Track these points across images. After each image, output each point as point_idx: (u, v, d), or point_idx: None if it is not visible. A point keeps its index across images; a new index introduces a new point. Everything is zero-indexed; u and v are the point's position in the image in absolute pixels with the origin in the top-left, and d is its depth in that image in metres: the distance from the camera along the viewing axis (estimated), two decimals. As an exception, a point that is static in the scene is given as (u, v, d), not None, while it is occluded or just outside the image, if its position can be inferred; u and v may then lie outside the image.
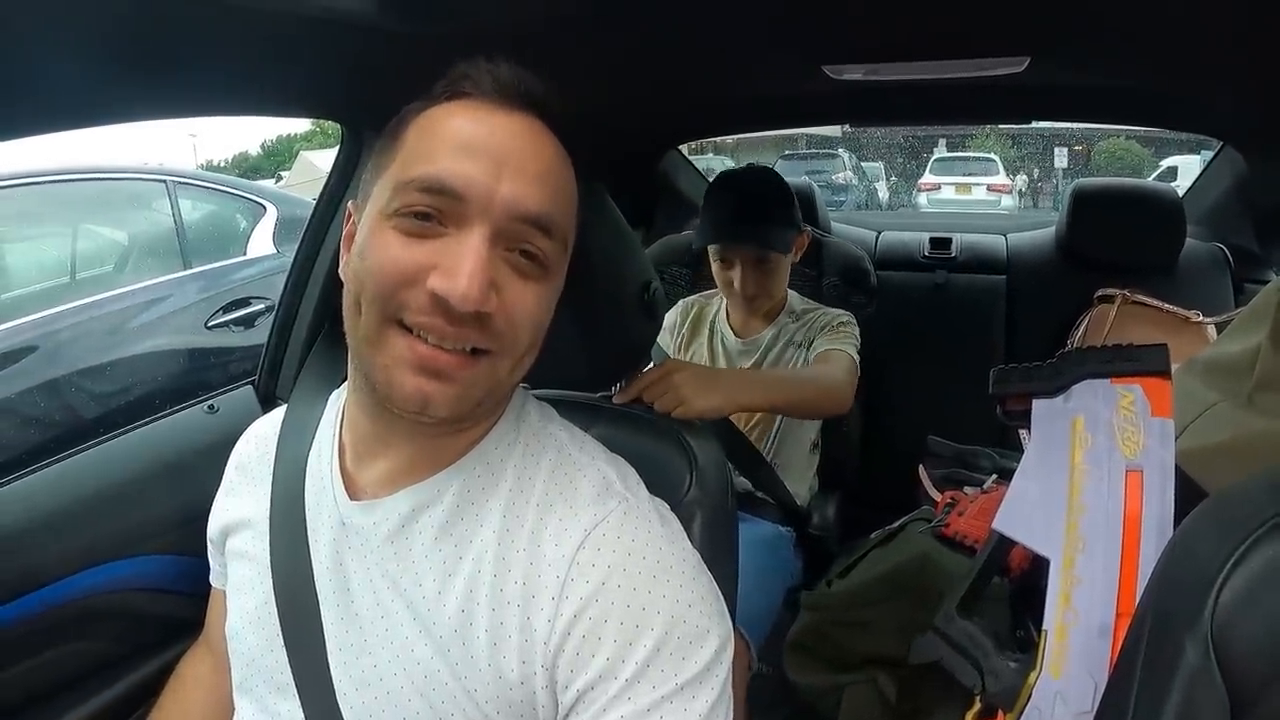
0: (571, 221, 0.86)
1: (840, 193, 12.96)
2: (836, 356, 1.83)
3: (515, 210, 0.77)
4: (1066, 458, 1.11)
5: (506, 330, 0.79)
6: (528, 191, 0.78)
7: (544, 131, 0.83)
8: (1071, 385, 1.15)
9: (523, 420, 0.93)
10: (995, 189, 13.34)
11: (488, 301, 0.75)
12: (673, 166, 2.75)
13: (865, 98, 2.04)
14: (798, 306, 2.04)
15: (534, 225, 0.78)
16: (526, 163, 0.79)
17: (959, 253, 2.62)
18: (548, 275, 0.82)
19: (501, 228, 0.77)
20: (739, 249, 1.90)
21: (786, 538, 1.95)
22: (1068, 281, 2.40)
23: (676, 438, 1.12)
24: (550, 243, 0.81)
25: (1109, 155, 15.84)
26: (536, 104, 0.83)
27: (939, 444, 2.16)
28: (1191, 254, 2.32)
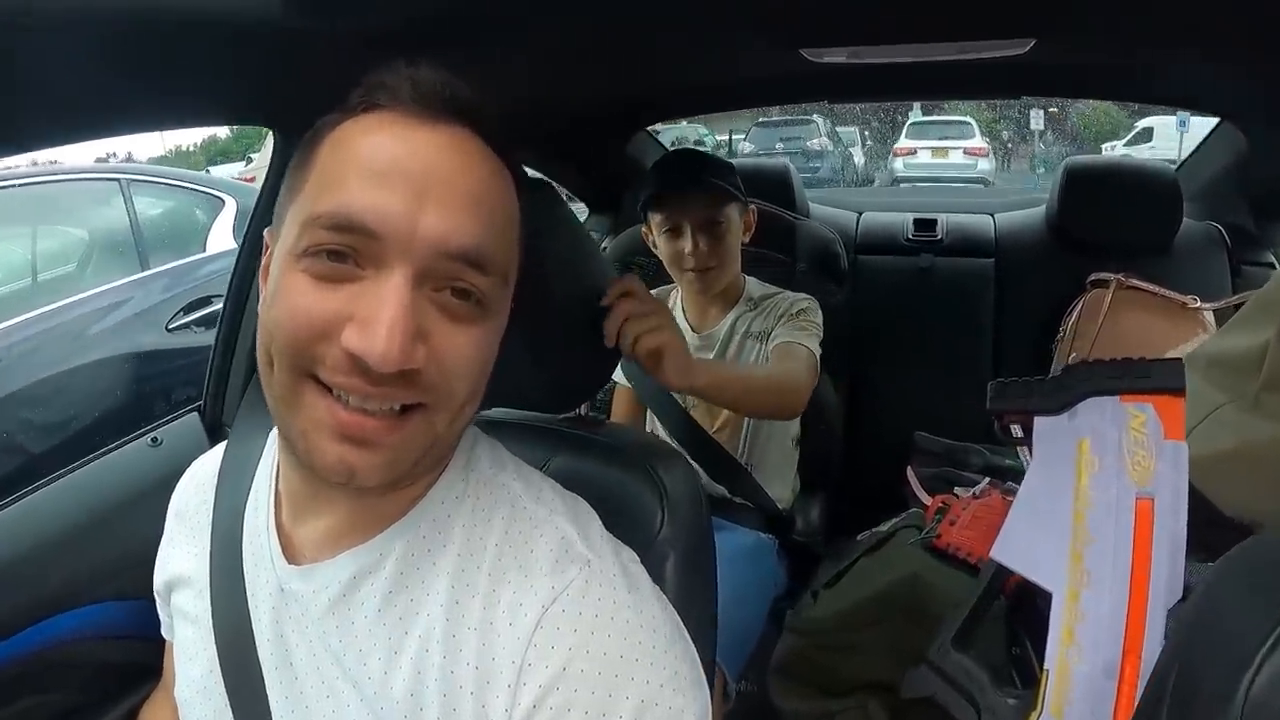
0: (513, 249, 0.76)
1: (815, 159, 13.10)
2: (795, 352, 1.70)
3: (441, 246, 0.67)
4: (1071, 482, 1.03)
5: (440, 382, 0.69)
6: (456, 223, 0.67)
7: (475, 146, 0.73)
8: (1077, 403, 1.06)
9: (472, 469, 0.83)
10: (972, 152, 13.34)
11: (412, 357, 0.65)
12: (642, 148, 2.61)
13: (847, 77, 1.93)
14: (756, 293, 1.91)
15: (465, 262, 0.68)
16: (454, 187, 0.69)
17: (945, 235, 2.49)
18: (486, 314, 0.72)
19: (427, 267, 0.67)
20: (685, 207, 1.77)
21: (769, 546, 1.85)
22: (1059, 264, 2.29)
23: (645, 468, 1.02)
24: (487, 279, 0.70)
25: (1084, 117, 15.89)
26: (465, 113, 0.73)
27: (927, 440, 2.08)
28: (1187, 234, 2.22)
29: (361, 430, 0.67)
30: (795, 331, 1.74)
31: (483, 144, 0.73)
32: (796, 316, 1.79)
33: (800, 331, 1.74)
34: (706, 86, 2.17)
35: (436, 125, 0.70)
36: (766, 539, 1.85)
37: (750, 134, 13.74)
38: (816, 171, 12.49)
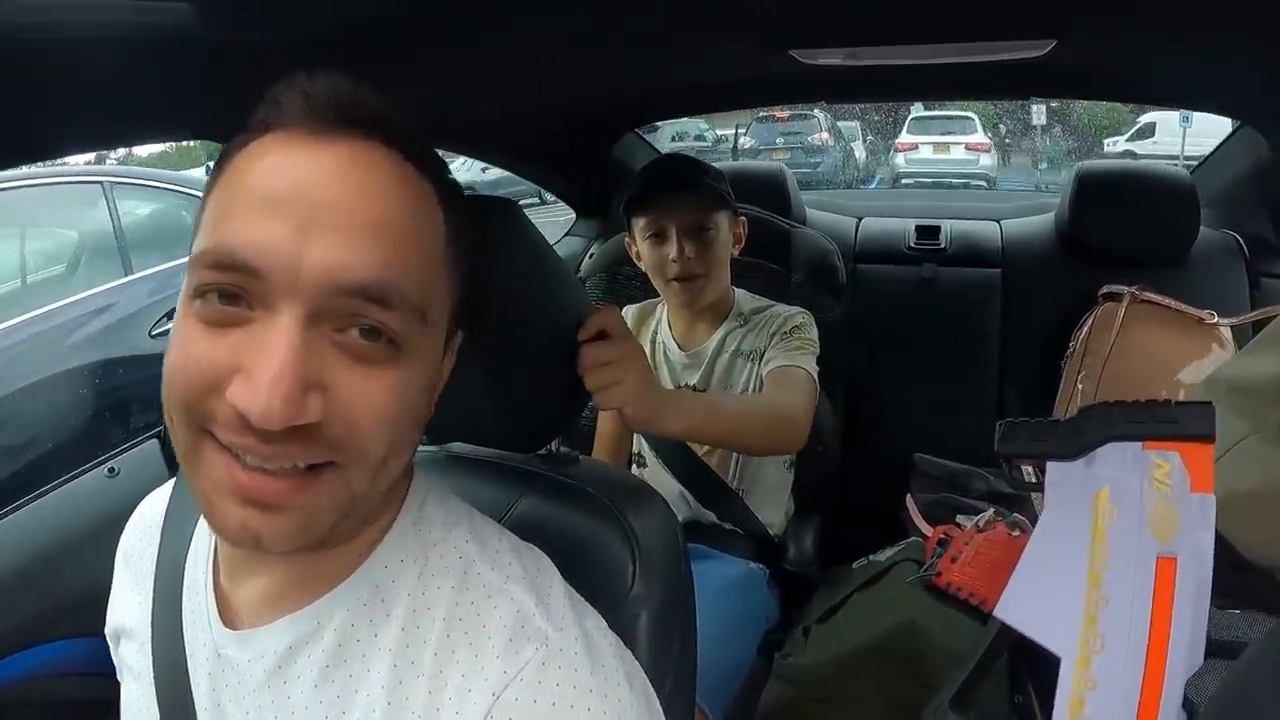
0: (437, 277, 0.67)
1: (816, 154, 12.93)
2: (792, 378, 1.59)
3: (332, 282, 0.58)
4: (1086, 537, 0.93)
5: (348, 437, 0.61)
6: (347, 253, 0.59)
7: (379, 160, 0.64)
8: (1095, 448, 0.96)
9: (421, 528, 0.74)
10: (974, 148, 13.12)
11: (301, 411, 0.58)
12: (630, 150, 2.50)
13: (843, 78, 1.82)
14: (746, 306, 1.80)
15: (364, 297, 0.60)
16: (347, 212, 0.60)
17: (948, 243, 2.37)
18: (403, 355, 0.63)
19: (320, 306, 0.59)
20: (671, 210, 1.67)
21: (759, 576, 1.75)
22: (1069, 275, 2.17)
23: (615, 516, 0.94)
24: (395, 314, 0.61)
25: (1086, 111, 15.78)
26: (369, 125, 0.64)
27: (928, 462, 1.99)
28: (1203, 243, 2.10)
29: (263, 493, 0.60)
30: (791, 353, 1.64)
31: (393, 159, 0.64)
32: (791, 335, 1.68)
33: (796, 352, 1.64)
34: (696, 87, 2.06)
35: (333, 142, 0.62)
36: (757, 569, 1.75)
37: (750, 129, 13.60)
38: (817, 167, 12.31)
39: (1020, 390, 2.16)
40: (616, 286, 2.10)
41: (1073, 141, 16.07)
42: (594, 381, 1.00)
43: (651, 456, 1.80)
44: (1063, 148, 15.96)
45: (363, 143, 0.63)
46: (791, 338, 1.67)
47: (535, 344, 0.93)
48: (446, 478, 1.00)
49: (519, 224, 0.91)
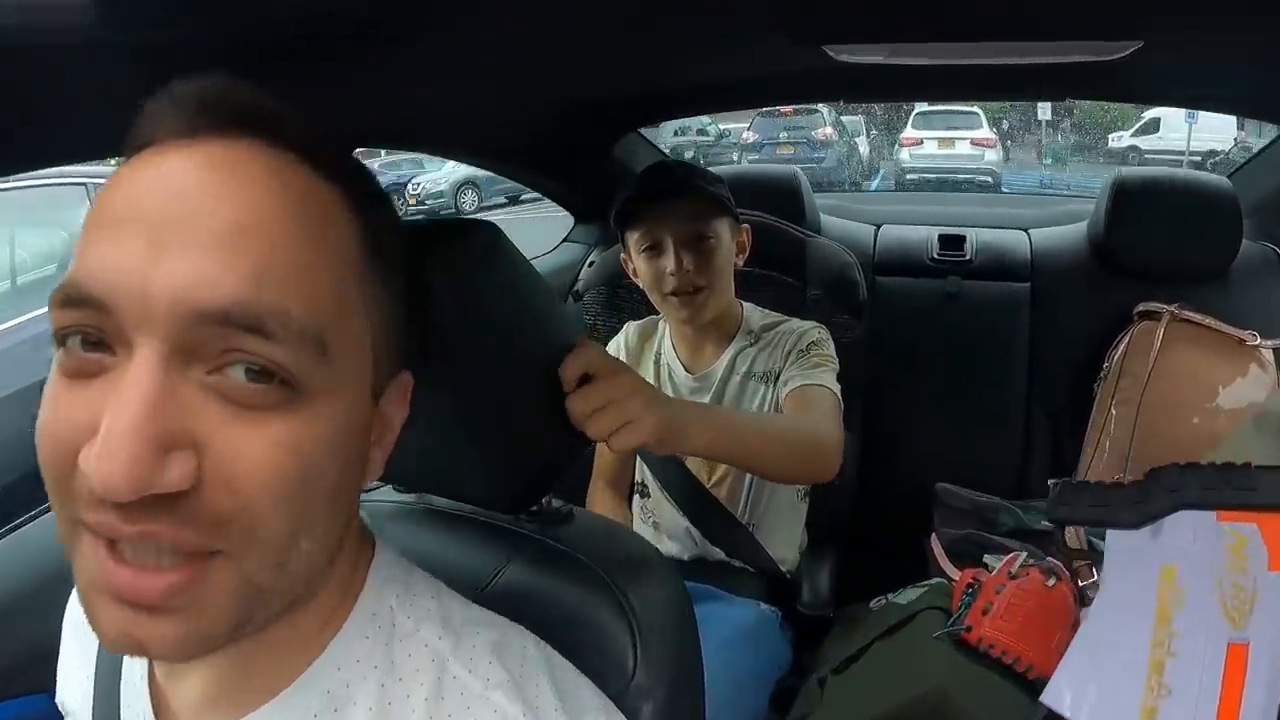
0: (337, 297, 0.54)
1: (821, 149, 13.01)
2: (815, 398, 1.47)
3: (187, 306, 0.47)
4: (1149, 619, 0.86)
5: (234, 511, 0.48)
6: (203, 267, 0.47)
7: (254, 157, 0.52)
8: (1163, 516, 0.88)
9: (383, 619, 0.62)
10: (979, 143, 13.12)
11: (157, 474, 0.45)
12: (632, 150, 2.34)
13: (868, 77, 1.68)
14: (756, 323, 1.67)
15: (232, 325, 0.48)
16: (208, 218, 0.49)
17: (974, 254, 2.21)
18: (301, 398, 0.50)
19: (183, 341, 0.47)
20: (666, 219, 1.54)
21: (771, 620, 1.63)
22: (1103, 291, 2.04)
23: (612, 591, 0.82)
24: (279, 346, 0.49)
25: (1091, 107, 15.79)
26: (244, 121, 0.53)
27: (951, 494, 1.86)
28: (1243, 257, 1.97)
29: (141, 591, 0.47)
30: (810, 371, 1.51)
31: (276, 157, 0.53)
32: (808, 352, 1.56)
33: (817, 370, 1.51)
34: (708, 85, 1.92)
35: (191, 144, 0.52)
36: (769, 611, 1.63)
37: (754, 124, 13.61)
38: (821, 162, 12.37)
39: (1049, 414, 2.04)
40: (618, 301, 1.97)
41: (1078, 137, 16.12)
42: (598, 429, 0.88)
43: (655, 486, 1.69)
44: (1067, 144, 16.02)
45: (237, 142, 0.52)
46: (809, 355, 1.55)
47: (518, 387, 0.81)
48: (420, 538, 0.90)
49: (496, 248, 0.79)
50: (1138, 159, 13.18)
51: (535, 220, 2.61)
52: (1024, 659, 1.32)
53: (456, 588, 0.70)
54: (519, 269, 0.83)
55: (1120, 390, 1.86)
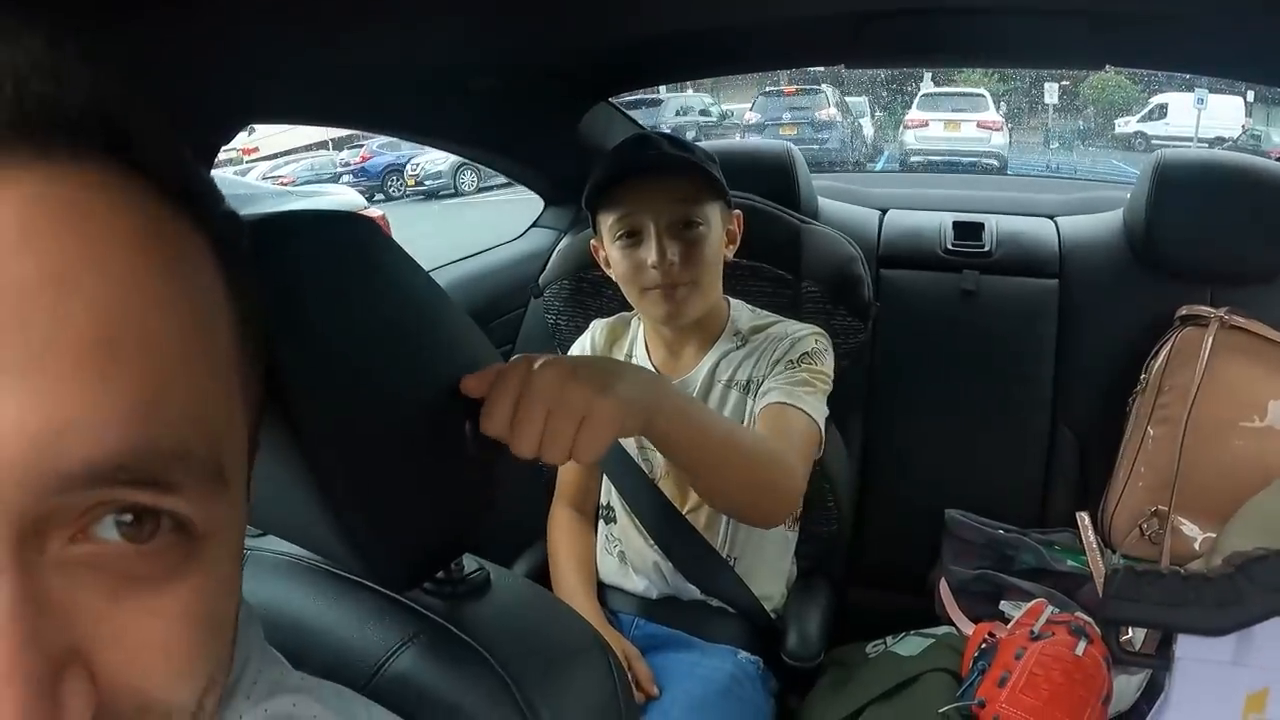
0: (227, 400, 0.40)
1: (824, 130, 13.01)
2: (791, 421, 1.27)
3: (40, 470, 0.31)
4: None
5: (136, 711, 0.35)
6: (63, 407, 0.31)
7: (107, 204, 0.35)
8: (1253, 623, 0.67)
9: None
10: (985, 125, 13.09)
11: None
12: (600, 124, 2.10)
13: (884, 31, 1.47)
14: (744, 323, 1.47)
15: (109, 483, 0.33)
16: (60, 318, 0.32)
17: (994, 245, 1.97)
18: (203, 541, 0.37)
19: (34, 515, 0.32)
20: (647, 201, 1.33)
21: (750, 671, 1.42)
22: (1140, 290, 1.81)
23: (516, 704, 0.66)
24: (179, 499, 0.35)
25: (1098, 91, 15.81)
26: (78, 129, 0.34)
27: (962, 524, 1.66)
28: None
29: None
30: (793, 388, 1.31)
31: (131, 194, 0.36)
32: (798, 365, 1.36)
33: (801, 388, 1.31)
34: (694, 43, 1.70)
35: (2, 171, 0.32)
36: (748, 661, 1.43)
37: (756, 104, 13.60)
38: (825, 143, 12.33)
39: (1076, 432, 1.81)
40: (583, 296, 1.74)
41: (1084, 122, 16.19)
42: (524, 442, 0.71)
43: (622, 509, 1.49)
44: (1074, 128, 16.08)
45: (70, 168, 0.34)
46: (798, 368, 1.35)
47: (396, 431, 0.63)
48: (307, 603, 0.75)
49: (366, 254, 0.62)
50: (1144, 145, 13.32)
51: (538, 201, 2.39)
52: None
53: (343, 671, 0.62)
54: (403, 280, 0.65)
55: (1160, 407, 1.64)
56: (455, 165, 13.79)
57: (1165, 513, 1.56)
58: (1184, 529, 1.56)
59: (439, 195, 13.89)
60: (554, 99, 1.88)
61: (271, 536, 0.80)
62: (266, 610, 0.69)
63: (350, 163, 15.23)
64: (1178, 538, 1.56)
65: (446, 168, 13.97)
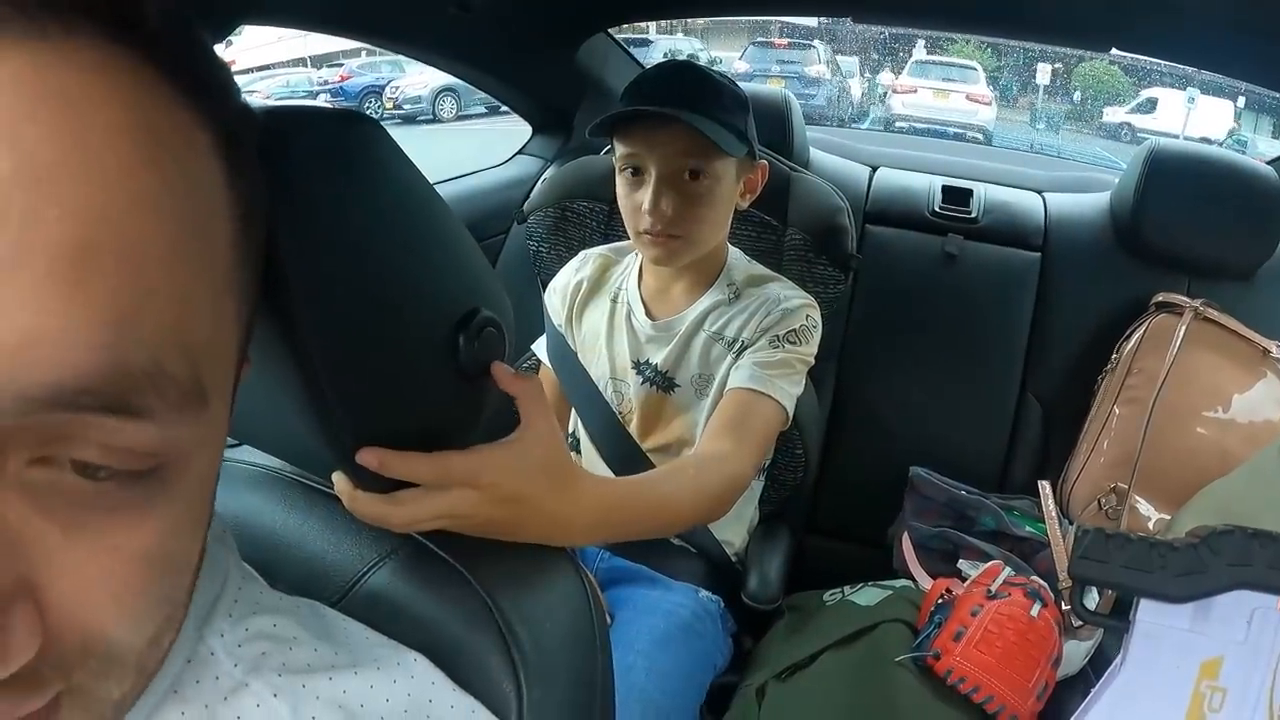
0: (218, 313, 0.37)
1: (812, 86, 12.89)
2: (759, 412, 1.26)
3: (10, 390, 0.29)
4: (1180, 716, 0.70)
5: (83, 651, 0.34)
6: (29, 319, 0.29)
7: (97, 88, 0.31)
8: (1214, 594, 0.69)
9: (200, 666, 0.48)
10: (974, 99, 13.15)
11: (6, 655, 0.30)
12: (599, 55, 2.07)
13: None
14: (740, 274, 1.44)
15: (72, 408, 0.30)
16: (32, 219, 0.29)
17: (981, 212, 1.99)
18: (169, 477, 0.35)
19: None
20: (653, 143, 1.28)
21: (711, 609, 1.43)
22: (1120, 273, 1.83)
23: (491, 615, 0.65)
24: (150, 427, 0.32)
25: (1089, 78, 15.88)
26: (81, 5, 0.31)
27: (927, 481, 1.68)
28: (1274, 258, 1.79)
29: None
30: (770, 372, 1.29)
31: (123, 74, 0.32)
32: (783, 341, 1.33)
33: (778, 370, 1.30)
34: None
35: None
36: (709, 600, 1.43)
37: (746, 53, 13.52)
38: (812, 99, 12.24)
39: (1042, 401, 1.84)
40: (567, 225, 1.72)
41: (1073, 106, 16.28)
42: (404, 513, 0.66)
43: (586, 441, 1.48)
44: (1062, 110, 16.14)
45: (64, 47, 0.31)
46: (781, 346, 1.33)
47: (381, 343, 0.60)
48: (281, 517, 0.72)
49: (373, 157, 0.58)
50: (1130, 136, 13.37)
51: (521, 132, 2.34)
52: (997, 699, 1.19)
53: (316, 586, 0.62)
54: (400, 188, 0.62)
55: (1128, 388, 1.67)
56: (435, 91, 13.46)
57: (1125, 490, 1.59)
58: (1140, 508, 1.59)
59: (417, 120, 13.62)
60: (554, 25, 1.85)
61: (246, 447, 0.79)
62: (240, 524, 0.69)
63: (328, 81, 14.86)
64: (1134, 516, 1.60)
65: (426, 93, 13.62)
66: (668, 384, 1.42)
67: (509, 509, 0.70)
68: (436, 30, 1.65)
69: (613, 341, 1.49)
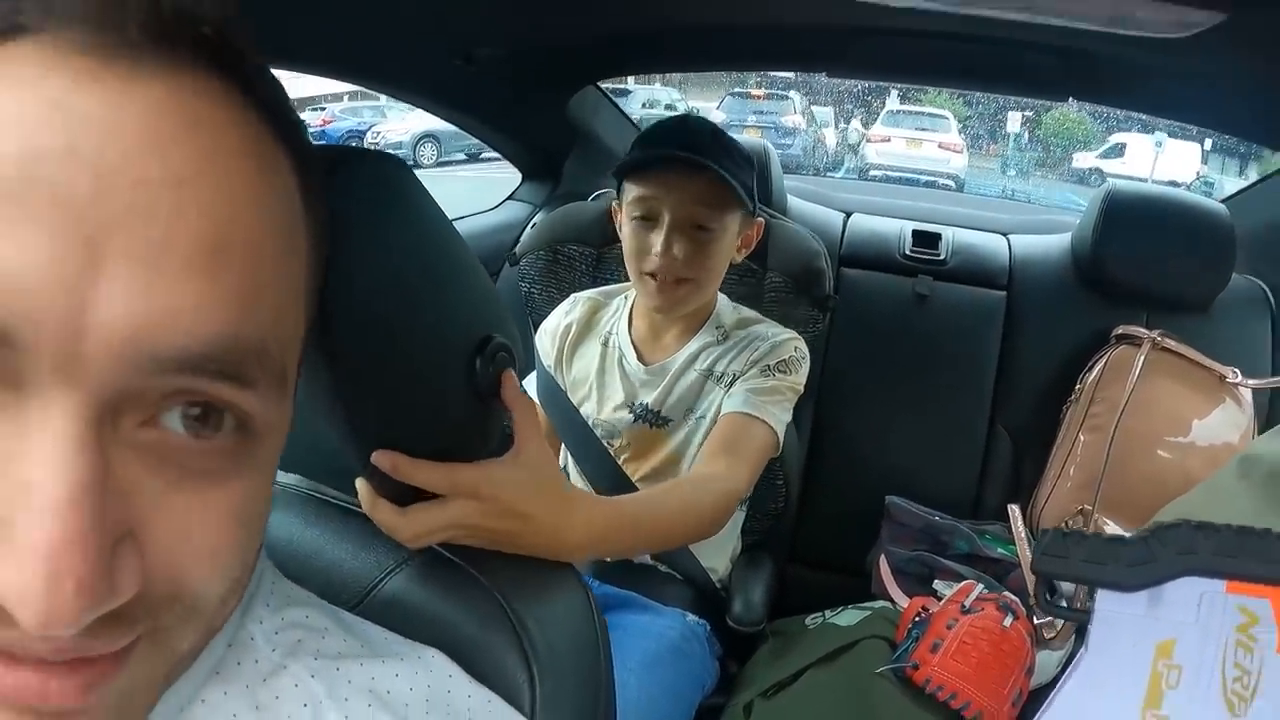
0: (296, 312, 0.43)
1: (788, 135, 12.96)
2: (751, 435, 1.31)
3: (144, 351, 0.34)
4: (1137, 701, 0.75)
5: (177, 595, 0.39)
6: (174, 297, 0.35)
7: (219, 115, 0.38)
8: (1165, 581, 0.76)
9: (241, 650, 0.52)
10: (946, 147, 13.31)
11: (109, 594, 0.34)
12: (589, 106, 2.18)
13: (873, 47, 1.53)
14: (728, 318, 1.51)
15: (201, 372, 0.36)
16: (171, 216, 0.34)
17: (949, 254, 2.09)
18: (255, 447, 0.41)
19: (118, 391, 0.35)
20: (671, 192, 1.34)
21: (698, 633, 1.47)
22: (1082, 309, 1.93)
23: (505, 615, 0.69)
24: (252, 395, 0.38)
25: (1059, 125, 16.13)
26: (202, 44, 0.37)
27: (902, 509, 1.75)
28: (1229, 290, 1.88)
29: (49, 696, 0.35)
30: (762, 396, 1.35)
31: (237, 107, 0.39)
32: (772, 371, 1.40)
33: (769, 397, 1.36)
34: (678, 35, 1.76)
35: (133, 75, 0.35)
36: (695, 624, 1.48)
37: (724, 103, 13.61)
38: (788, 149, 12.30)
39: (1011, 432, 1.93)
40: (558, 268, 1.80)
41: (1043, 152, 16.46)
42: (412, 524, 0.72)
43: (576, 471, 1.53)
44: (1032, 157, 16.34)
45: (190, 78, 0.37)
46: (771, 374, 1.39)
47: (410, 364, 0.66)
48: (300, 530, 0.76)
49: (397, 190, 0.64)
50: (1099, 180, 13.39)
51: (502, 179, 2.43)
52: (975, 705, 1.25)
53: (335, 593, 0.64)
54: (429, 223, 0.68)
55: (1091, 416, 1.76)
56: (416, 137, 13.51)
57: (1090, 511, 1.67)
58: (1107, 528, 1.66)
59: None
60: (548, 78, 1.93)
61: None
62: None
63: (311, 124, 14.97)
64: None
65: (408, 139, 13.63)
66: (659, 420, 1.47)
67: (508, 522, 0.75)
68: (439, 80, 1.71)
69: (604, 384, 1.54)
